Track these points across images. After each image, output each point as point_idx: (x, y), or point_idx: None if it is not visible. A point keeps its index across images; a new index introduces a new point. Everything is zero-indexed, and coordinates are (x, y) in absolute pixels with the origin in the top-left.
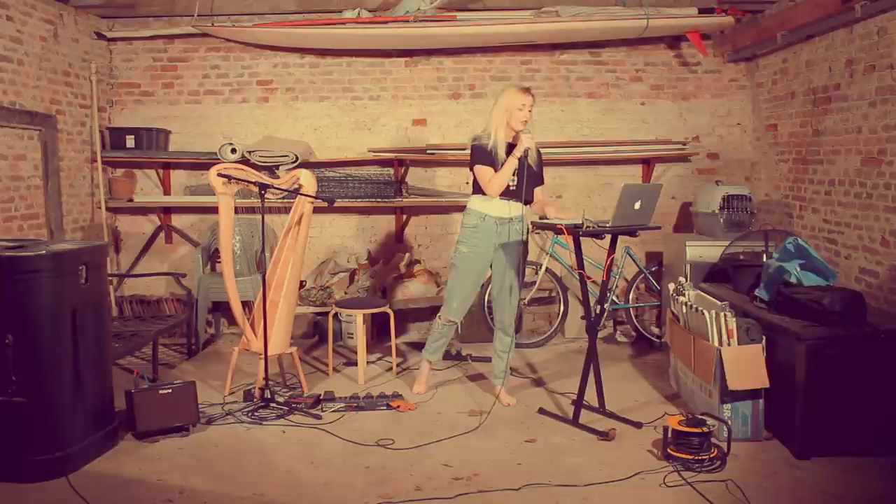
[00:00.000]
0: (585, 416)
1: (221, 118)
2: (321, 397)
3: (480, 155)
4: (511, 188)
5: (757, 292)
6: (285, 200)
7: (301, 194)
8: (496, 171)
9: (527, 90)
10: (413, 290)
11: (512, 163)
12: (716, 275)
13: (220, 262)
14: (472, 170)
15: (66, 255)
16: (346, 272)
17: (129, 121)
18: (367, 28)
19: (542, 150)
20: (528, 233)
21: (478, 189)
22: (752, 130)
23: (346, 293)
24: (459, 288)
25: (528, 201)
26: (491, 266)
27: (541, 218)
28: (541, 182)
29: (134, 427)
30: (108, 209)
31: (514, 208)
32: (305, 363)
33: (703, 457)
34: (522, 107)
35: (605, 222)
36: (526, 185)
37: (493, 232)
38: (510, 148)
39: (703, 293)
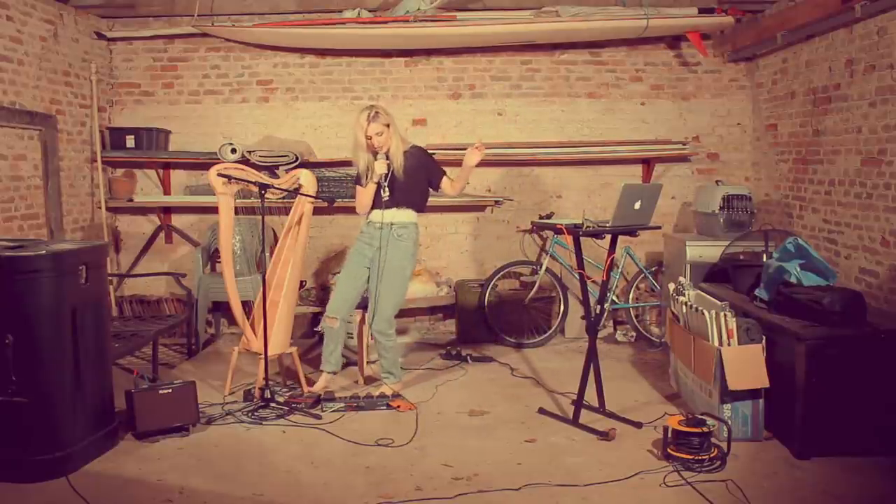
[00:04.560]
0: (585, 416)
1: (221, 118)
2: (321, 397)
3: (357, 177)
4: (384, 199)
5: (757, 292)
6: (285, 200)
7: (301, 194)
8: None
9: (369, 117)
10: (413, 290)
11: (371, 187)
12: (716, 275)
13: (220, 262)
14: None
15: (66, 255)
16: None
17: (129, 121)
18: (367, 28)
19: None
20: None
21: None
22: (752, 130)
23: None
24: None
25: (418, 208)
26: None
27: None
28: (435, 177)
29: (134, 427)
30: (108, 209)
31: (386, 215)
32: (305, 363)
33: (703, 457)
34: (369, 138)
35: (605, 222)
36: (402, 192)
37: (370, 235)
38: (374, 182)
39: (703, 293)
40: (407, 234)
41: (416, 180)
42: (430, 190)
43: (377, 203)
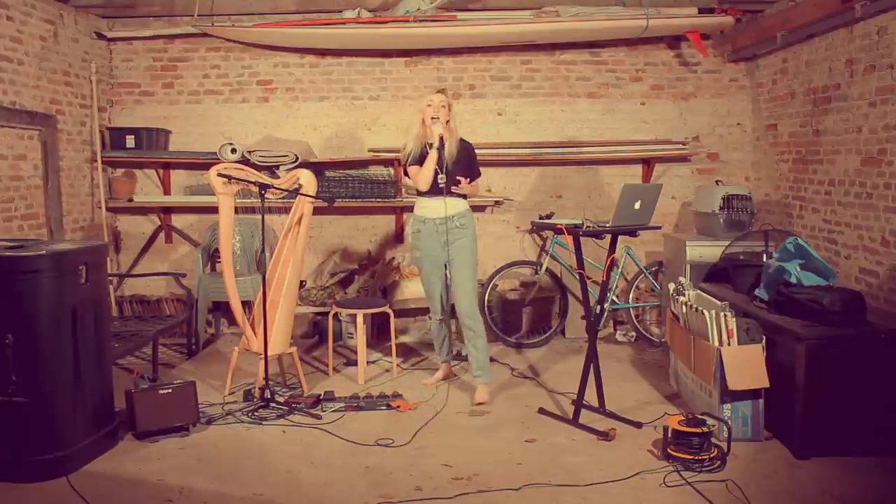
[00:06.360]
0: (585, 416)
1: (221, 118)
2: (321, 397)
3: (407, 159)
4: (440, 185)
5: (757, 292)
6: (285, 200)
7: (301, 194)
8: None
9: (436, 90)
10: (413, 290)
11: (433, 155)
12: (716, 275)
13: (220, 262)
14: (405, 175)
15: (66, 255)
16: (346, 272)
17: (129, 121)
18: (367, 28)
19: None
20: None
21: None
22: (752, 130)
23: (346, 293)
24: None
25: (465, 196)
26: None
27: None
28: (472, 176)
29: (134, 427)
30: (108, 209)
31: (446, 207)
32: (305, 363)
33: (703, 457)
34: (429, 104)
35: (605, 222)
36: (449, 177)
37: (435, 233)
38: (434, 148)
39: (703, 293)
40: (467, 222)
41: (465, 170)
42: None
43: (434, 190)
